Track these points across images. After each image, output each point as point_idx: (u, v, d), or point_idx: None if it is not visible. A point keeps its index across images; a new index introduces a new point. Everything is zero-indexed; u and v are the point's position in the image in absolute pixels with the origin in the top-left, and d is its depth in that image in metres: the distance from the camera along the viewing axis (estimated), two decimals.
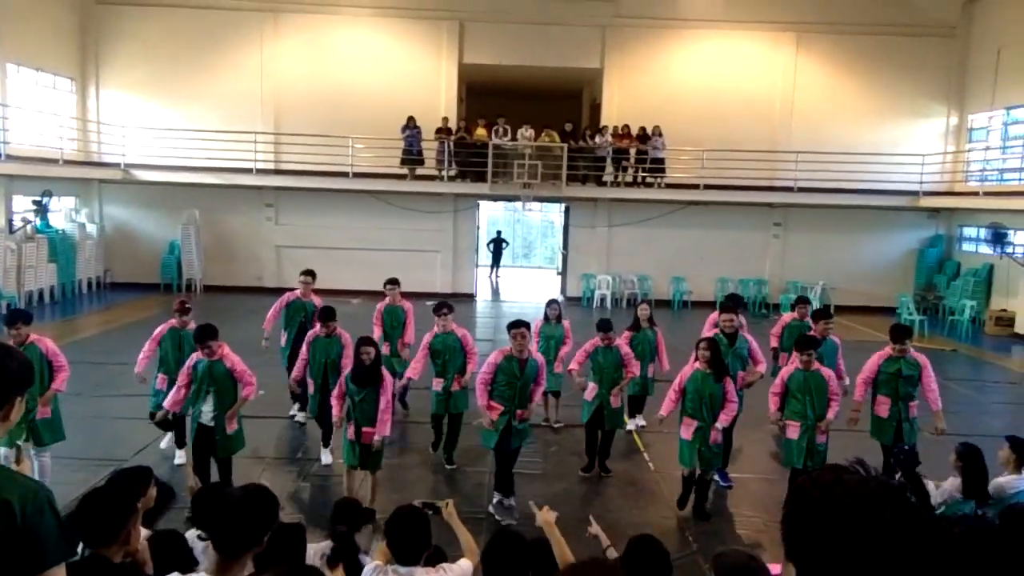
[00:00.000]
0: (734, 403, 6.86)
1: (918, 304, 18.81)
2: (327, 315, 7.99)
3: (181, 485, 7.18)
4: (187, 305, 7.89)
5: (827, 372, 6.99)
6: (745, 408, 7.86)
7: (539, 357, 7.07)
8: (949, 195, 19.75)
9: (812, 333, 7.91)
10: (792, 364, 7.01)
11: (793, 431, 6.80)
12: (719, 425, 6.76)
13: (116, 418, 8.88)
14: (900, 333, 7.08)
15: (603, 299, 20.00)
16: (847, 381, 7.94)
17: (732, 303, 8.41)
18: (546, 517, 3.85)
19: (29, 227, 17.10)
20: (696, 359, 6.91)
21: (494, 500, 6.96)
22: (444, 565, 3.62)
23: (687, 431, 6.78)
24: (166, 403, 6.76)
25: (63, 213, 19.03)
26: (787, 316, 9.27)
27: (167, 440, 8.07)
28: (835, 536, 1.19)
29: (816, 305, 17.54)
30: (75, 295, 18.51)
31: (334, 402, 6.72)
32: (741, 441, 8.85)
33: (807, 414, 6.72)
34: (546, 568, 3.55)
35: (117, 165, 19.17)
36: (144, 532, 3.70)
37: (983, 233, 19.05)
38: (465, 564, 3.76)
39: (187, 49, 19.85)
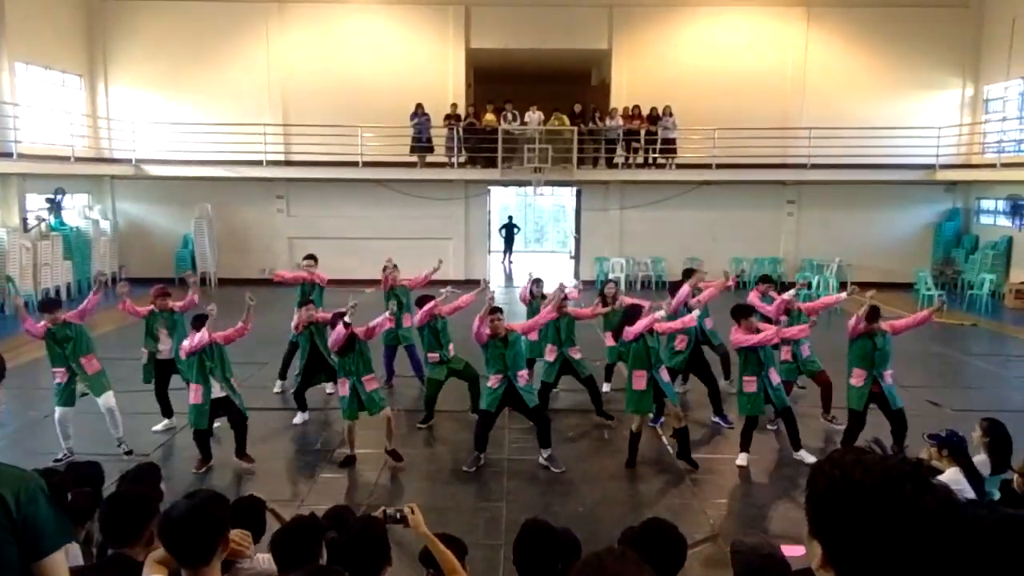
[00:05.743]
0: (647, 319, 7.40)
1: (936, 279, 18.59)
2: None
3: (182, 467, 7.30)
4: (165, 290, 9.14)
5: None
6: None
7: (518, 326, 7.85)
8: (966, 168, 19.47)
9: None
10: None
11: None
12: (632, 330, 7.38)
13: (136, 413, 8.89)
14: (875, 314, 7.45)
15: (617, 282, 19.85)
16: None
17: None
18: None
19: (43, 225, 17.21)
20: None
21: (544, 455, 7.57)
22: None
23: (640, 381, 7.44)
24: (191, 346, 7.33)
25: (76, 210, 19.11)
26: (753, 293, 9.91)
27: (162, 424, 8.65)
28: (857, 513, 1.22)
29: (833, 282, 17.52)
30: (90, 291, 18.55)
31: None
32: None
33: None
34: (575, 560, 3.50)
35: (128, 161, 19.21)
36: None
37: (1001, 205, 18.81)
38: None
39: (194, 43, 19.83)
